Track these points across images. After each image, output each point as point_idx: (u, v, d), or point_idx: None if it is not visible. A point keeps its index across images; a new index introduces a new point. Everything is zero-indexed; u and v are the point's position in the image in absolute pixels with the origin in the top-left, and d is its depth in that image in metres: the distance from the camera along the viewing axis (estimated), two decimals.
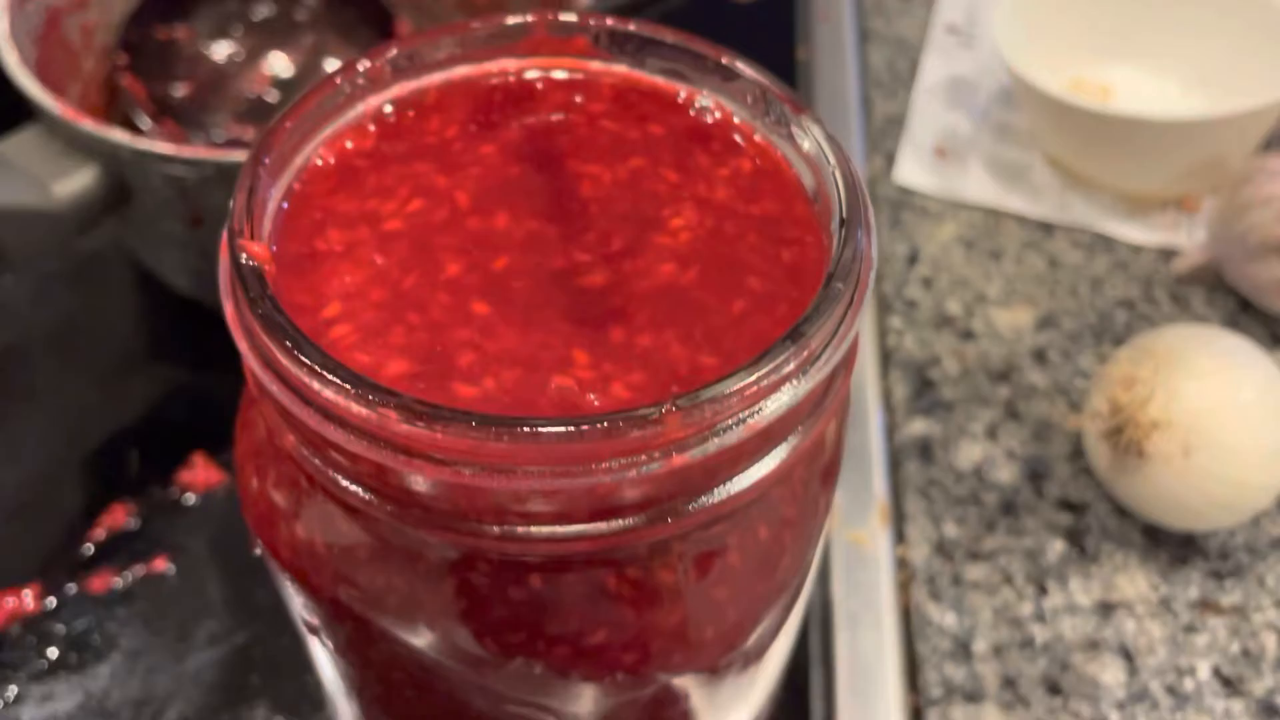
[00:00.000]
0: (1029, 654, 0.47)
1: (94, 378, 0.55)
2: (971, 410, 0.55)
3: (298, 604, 0.28)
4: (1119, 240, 0.63)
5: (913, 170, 0.66)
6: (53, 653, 0.45)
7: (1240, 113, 0.58)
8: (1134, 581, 0.49)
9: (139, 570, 0.48)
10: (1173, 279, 0.61)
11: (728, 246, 0.26)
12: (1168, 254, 0.62)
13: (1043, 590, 0.48)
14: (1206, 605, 0.48)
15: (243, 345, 0.23)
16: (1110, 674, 0.46)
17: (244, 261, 0.23)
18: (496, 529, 0.22)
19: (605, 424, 0.20)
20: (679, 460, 0.21)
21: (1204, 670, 0.46)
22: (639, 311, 0.24)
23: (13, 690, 0.44)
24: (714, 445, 0.21)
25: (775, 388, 0.22)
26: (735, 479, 0.23)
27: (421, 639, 0.26)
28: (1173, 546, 0.50)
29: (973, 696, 0.45)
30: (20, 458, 0.52)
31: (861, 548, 0.50)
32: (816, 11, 0.77)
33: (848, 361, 0.25)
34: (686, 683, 0.27)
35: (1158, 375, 0.46)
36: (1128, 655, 0.47)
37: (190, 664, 0.45)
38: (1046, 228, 0.64)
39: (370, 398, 0.21)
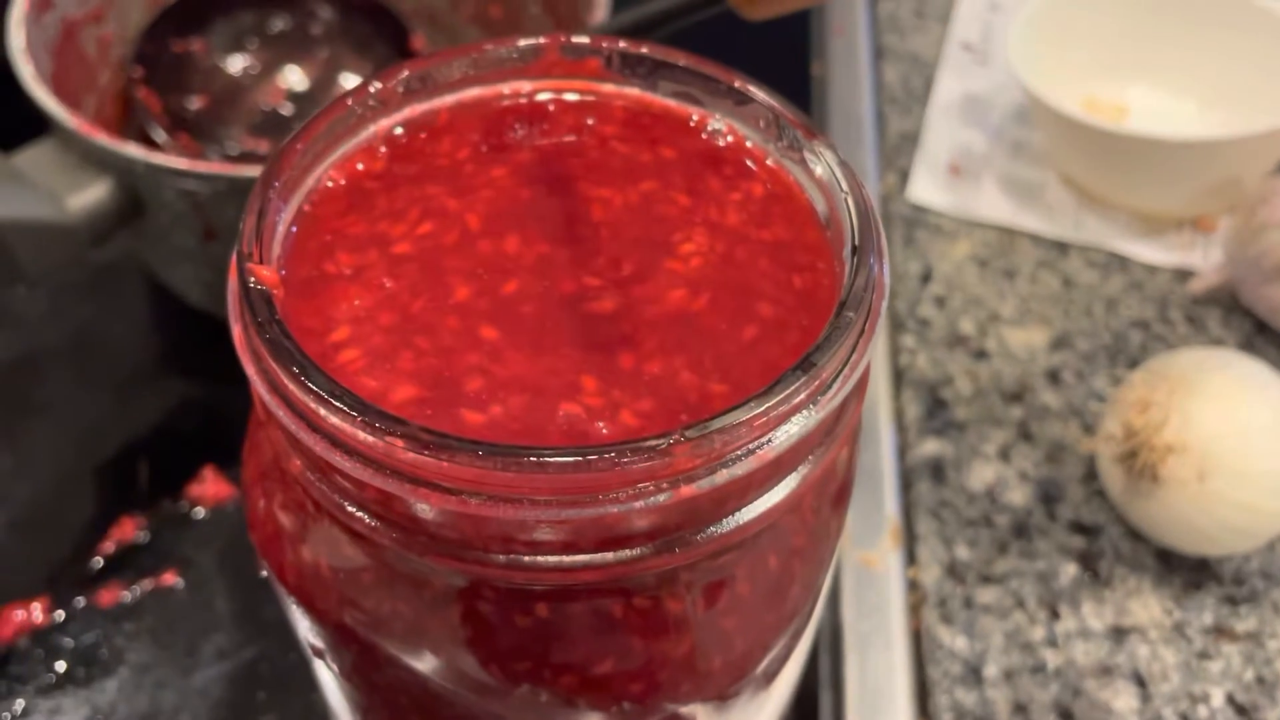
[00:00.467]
0: (1041, 679, 0.46)
1: (106, 390, 0.56)
2: (984, 431, 0.55)
3: (303, 627, 0.28)
4: (1134, 260, 0.62)
5: (927, 188, 0.65)
6: (60, 666, 0.45)
7: (1257, 133, 0.57)
8: (1147, 606, 0.48)
9: (147, 584, 0.48)
10: (1188, 300, 0.60)
11: (739, 272, 0.25)
12: (1183, 274, 0.62)
13: (1055, 614, 0.48)
14: (1221, 631, 0.48)
15: (250, 369, 0.23)
16: (1123, 700, 0.46)
17: (252, 285, 0.23)
18: (503, 558, 0.22)
19: (613, 454, 0.20)
20: (687, 491, 0.21)
21: (1218, 697, 0.46)
22: (648, 338, 0.24)
23: (20, 704, 0.44)
24: (723, 476, 0.21)
25: (785, 418, 0.22)
26: (744, 509, 0.23)
27: (427, 665, 0.25)
28: (1186, 571, 0.49)
29: None
30: (31, 470, 0.52)
31: (872, 569, 0.50)
32: (831, 27, 0.77)
33: (860, 389, 0.25)
34: (694, 710, 0.27)
35: (1172, 399, 0.46)
36: (1140, 681, 0.46)
37: (197, 679, 0.45)
38: (1061, 247, 0.63)
39: (377, 425, 0.20)
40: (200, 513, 0.50)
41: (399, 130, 0.28)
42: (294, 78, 0.65)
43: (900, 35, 0.77)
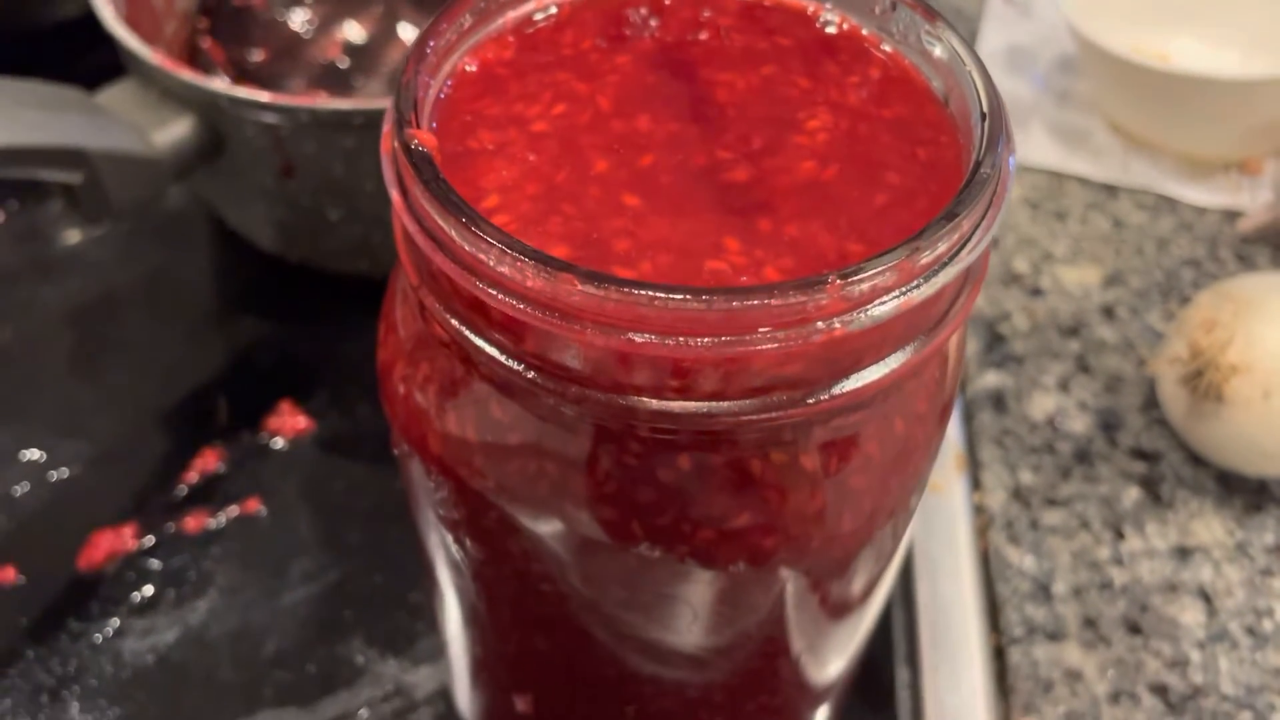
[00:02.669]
0: (1108, 595, 0.47)
1: (180, 331, 0.57)
2: (1043, 363, 0.56)
3: (436, 503, 0.29)
4: (1182, 202, 0.63)
5: None
6: (150, 589, 0.47)
7: None
8: (1210, 527, 0.49)
9: (232, 511, 0.49)
10: (1237, 239, 0.61)
11: (864, 146, 0.26)
12: (1232, 215, 0.63)
13: (1120, 535, 0.49)
14: None
15: (413, 229, 0.24)
16: (1190, 615, 0.47)
17: (414, 148, 0.24)
18: (654, 403, 0.23)
19: (773, 292, 0.21)
20: (839, 332, 0.22)
21: None
22: (784, 204, 0.25)
23: (114, 623, 0.45)
24: (870, 318, 0.22)
25: (929, 268, 0.23)
26: (879, 364, 0.24)
27: (565, 529, 0.26)
28: (1247, 494, 0.50)
29: (1054, 636, 0.46)
30: (113, 406, 0.53)
31: (938, 495, 0.51)
32: None
33: (980, 271, 0.26)
34: (818, 579, 0.28)
35: (1238, 319, 0.47)
36: (1206, 597, 0.47)
37: (285, 600, 0.46)
38: (1110, 190, 0.64)
39: (548, 267, 0.21)
40: (279, 443, 0.51)
41: (525, 22, 0.29)
42: (352, 31, 0.66)
43: None
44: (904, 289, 0.22)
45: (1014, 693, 0.44)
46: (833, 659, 0.34)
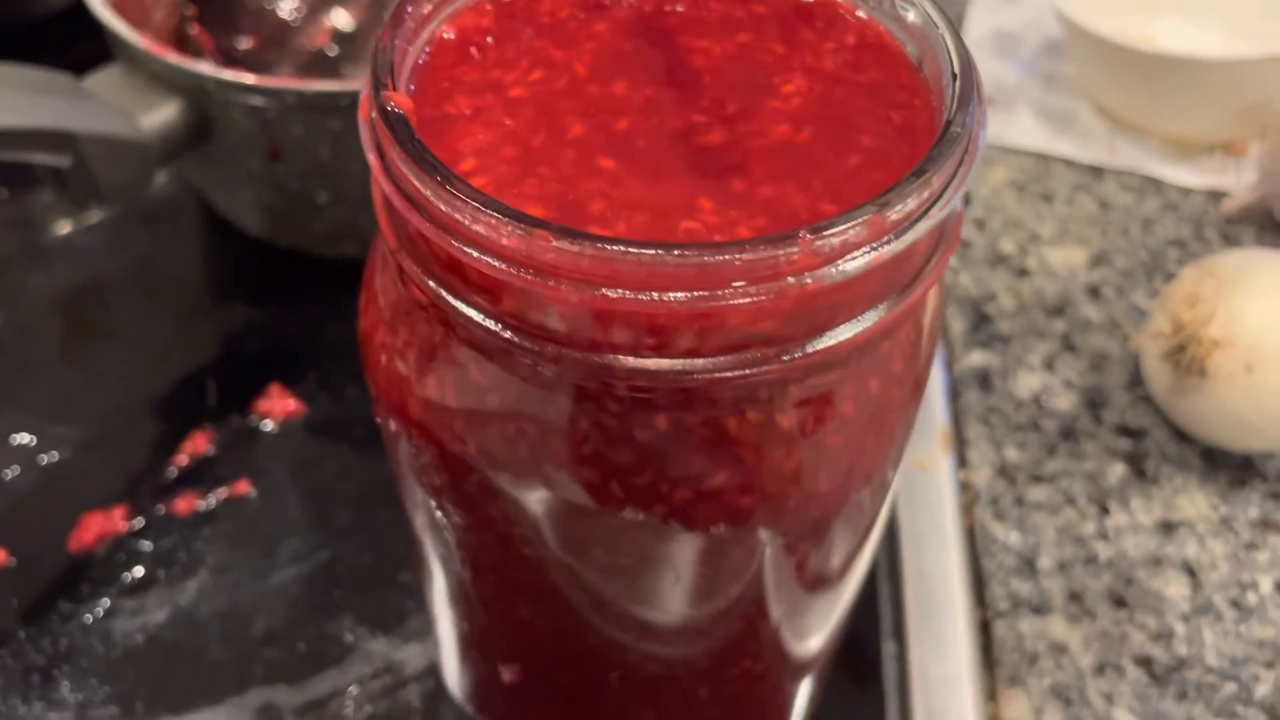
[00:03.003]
0: (1093, 570, 0.47)
1: (170, 316, 0.57)
2: (1028, 343, 0.56)
3: (418, 469, 0.29)
4: (1168, 183, 0.64)
5: None
6: (140, 570, 0.47)
7: None
8: (1194, 502, 0.50)
9: (222, 493, 0.49)
10: (1223, 219, 0.62)
11: (838, 109, 0.27)
12: (1217, 196, 0.63)
13: (1105, 510, 0.49)
14: (1267, 524, 0.49)
15: (389, 191, 0.24)
16: (1174, 588, 0.47)
17: (390, 109, 0.24)
18: (630, 361, 0.23)
19: (745, 247, 0.22)
20: (812, 287, 0.22)
21: (1266, 584, 0.47)
22: (758, 165, 0.25)
23: (105, 603, 0.46)
24: (841, 273, 0.22)
25: (899, 223, 0.23)
26: (853, 321, 0.24)
27: (545, 491, 0.27)
28: (1232, 469, 0.51)
29: (1039, 609, 0.46)
30: (102, 390, 0.54)
31: (924, 472, 0.51)
32: None
33: (953, 231, 0.26)
34: (795, 542, 0.29)
35: (1220, 294, 0.47)
36: (1190, 571, 0.47)
37: (275, 580, 0.47)
38: (1096, 171, 0.64)
39: (523, 223, 0.22)
40: (269, 425, 0.52)
41: None
42: (340, 19, 0.66)
43: None
44: (875, 244, 0.23)
45: (999, 665, 0.44)
46: (814, 628, 0.35)
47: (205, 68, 0.48)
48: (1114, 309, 0.57)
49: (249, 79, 0.47)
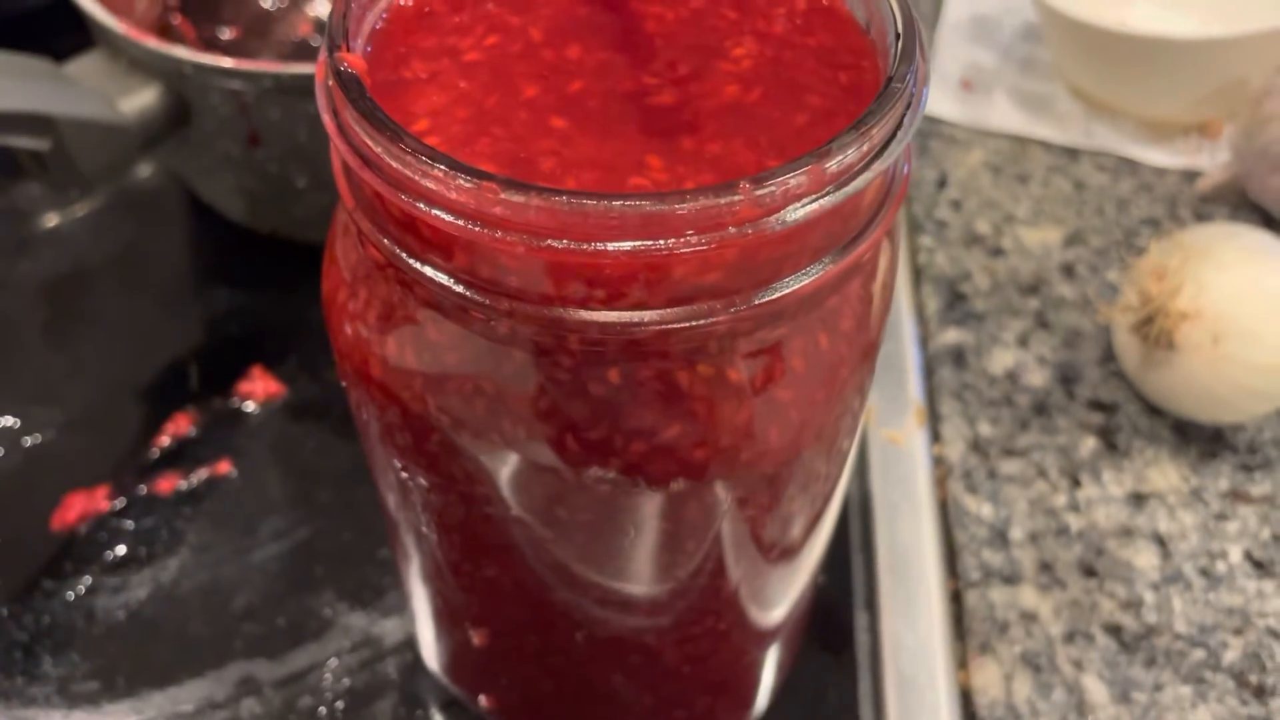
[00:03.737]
0: (1064, 540, 0.48)
1: (153, 302, 0.58)
2: (1002, 320, 0.56)
3: (381, 431, 0.30)
4: (1143, 164, 0.64)
5: (939, 101, 0.67)
6: (122, 548, 0.47)
7: (1259, 32, 0.59)
8: (1165, 474, 0.50)
9: (203, 473, 0.50)
10: (1197, 198, 0.62)
11: (788, 71, 0.27)
12: (1191, 176, 0.63)
13: (1076, 483, 0.50)
14: (1237, 495, 0.49)
15: (344, 150, 0.24)
16: (1144, 558, 0.47)
17: (343, 70, 0.24)
18: (580, 314, 0.24)
19: (688, 197, 0.22)
20: (753, 235, 0.23)
21: (1235, 554, 0.47)
22: (707, 124, 0.26)
23: (87, 580, 0.46)
24: (782, 222, 0.23)
25: (840, 175, 0.23)
26: (799, 275, 0.25)
27: (504, 448, 0.27)
28: (1202, 442, 0.51)
29: (1010, 579, 0.47)
30: (85, 374, 0.54)
31: (898, 446, 0.51)
32: None
33: (899, 191, 0.27)
34: (751, 495, 0.29)
35: (1187, 267, 0.48)
36: (1160, 541, 0.48)
37: (256, 556, 0.47)
38: (1072, 153, 0.65)
39: (471, 175, 0.22)
40: (251, 407, 0.52)
41: None
42: (322, 8, 0.67)
43: None
44: (816, 195, 0.23)
45: (970, 634, 0.45)
46: (776, 594, 0.35)
47: (183, 52, 0.48)
48: (1087, 287, 0.58)
49: (226, 63, 0.48)
